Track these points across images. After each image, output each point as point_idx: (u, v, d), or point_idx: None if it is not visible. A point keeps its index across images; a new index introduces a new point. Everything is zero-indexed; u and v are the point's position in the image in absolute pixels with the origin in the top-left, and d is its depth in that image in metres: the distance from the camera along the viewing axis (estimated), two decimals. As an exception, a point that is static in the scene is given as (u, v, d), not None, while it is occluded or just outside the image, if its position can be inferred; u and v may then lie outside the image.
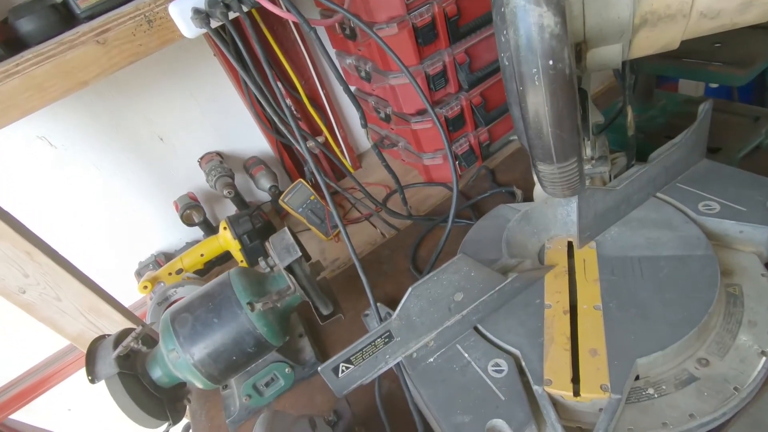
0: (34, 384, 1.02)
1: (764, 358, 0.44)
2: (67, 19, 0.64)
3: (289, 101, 0.97)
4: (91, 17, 0.63)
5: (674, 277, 0.50)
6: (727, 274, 0.51)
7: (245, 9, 0.56)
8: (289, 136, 0.60)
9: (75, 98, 0.81)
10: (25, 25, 0.61)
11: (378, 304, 0.54)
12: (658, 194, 0.59)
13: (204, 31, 0.56)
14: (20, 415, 1.08)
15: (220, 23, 0.55)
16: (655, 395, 0.44)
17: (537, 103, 0.36)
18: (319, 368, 0.46)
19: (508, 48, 0.37)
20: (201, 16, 0.54)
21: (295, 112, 0.96)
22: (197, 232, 1.01)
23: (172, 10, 0.54)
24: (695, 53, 0.68)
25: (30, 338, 1.00)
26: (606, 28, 0.41)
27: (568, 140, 0.37)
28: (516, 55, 0.35)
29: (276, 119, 0.58)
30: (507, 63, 0.38)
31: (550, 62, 0.34)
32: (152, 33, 0.56)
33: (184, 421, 0.66)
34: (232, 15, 0.56)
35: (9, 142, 0.80)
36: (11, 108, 0.52)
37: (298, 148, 0.61)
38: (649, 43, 0.42)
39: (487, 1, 0.82)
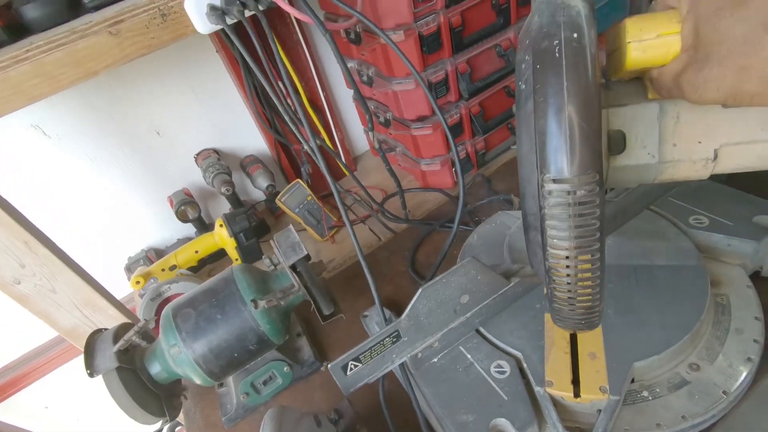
0: (11, 381, 0.98)
1: (750, 365, 0.47)
2: (74, 7, 0.63)
3: (289, 101, 0.97)
4: (97, 7, 0.62)
5: (668, 286, 0.53)
6: (715, 284, 0.54)
7: (261, 8, 0.56)
8: (298, 135, 0.60)
9: (72, 87, 0.79)
10: (31, 11, 0.60)
11: (382, 305, 0.55)
12: (652, 207, 0.62)
13: (218, 27, 0.56)
14: (-6, 412, 1.04)
15: (235, 20, 0.56)
16: (650, 397, 0.46)
17: (555, 81, 0.29)
18: (329, 366, 0.47)
19: (528, 68, 0.32)
20: (217, 12, 0.54)
21: (296, 112, 0.96)
22: (189, 228, 1.00)
23: (188, 5, 0.54)
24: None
25: (6, 335, 0.97)
26: (624, 183, 0.42)
27: (589, 133, 0.29)
28: (537, 35, 0.30)
29: (287, 118, 0.58)
30: (524, 86, 0.32)
31: (575, 35, 0.29)
32: (165, 27, 0.56)
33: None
34: (247, 13, 0.56)
35: (3, 130, 0.78)
36: (18, 94, 0.51)
37: (305, 146, 0.61)
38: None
39: (489, 13, 0.84)
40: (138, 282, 0.79)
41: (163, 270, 0.83)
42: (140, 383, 0.55)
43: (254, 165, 0.98)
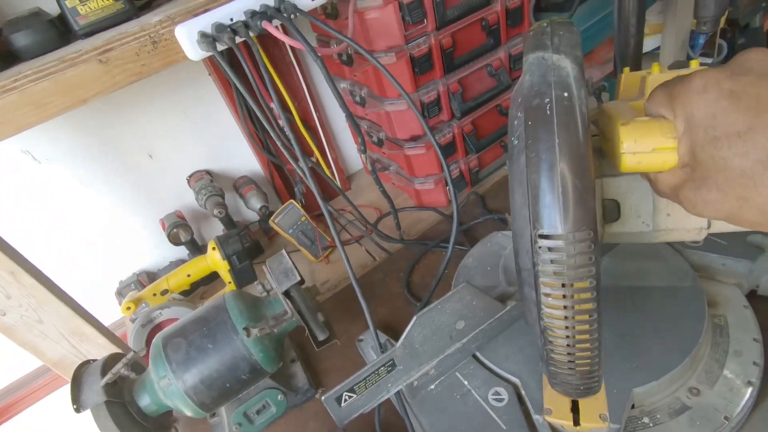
0: (-2, 410, 0.95)
1: (750, 388, 0.46)
2: (64, 35, 0.63)
3: (280, 122, 0.97)
4: (88, 34, 0.62)
5: (664, 308, 0.52)
6: (712, 305, 0.54)
7: (252, 35, 0.57)
8: (289, 158, 0.60)
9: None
10: (21, 39, 0.60)
11: (377, 330, 0.54)
12: (646, 226, 0.62)
13: (209, 54, 0.56)
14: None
15: (226, 47, 0.56)
16: (651, 424, 0.46)
17: (547, 137, 0.30)
18: (323, 398, 0.45)
19: (520, 125, 0.32)
20: (208, 39, 0.54)
21: (287, 135, 0.96)
22: (182, 251, 0.98)
23: (179, 33, 0.54)
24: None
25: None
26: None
27: (581, 190, 0.29)
28: (529, 93, 0.31)
29: (279, 143, 0.58)
30: (516, 142, 0.33)
31: (565, 94, 0.30)
32: (156, 54, 0.56)
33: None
34: (238, 39, 0.56)
35: (-8, 157, 0.78)
36: (5, 124, 0.50)
37: (296, 168, 0.61)
38: None
39: (479, 34, 0.85)
40: (129, 308, 0.78)
41: (154, 295, 0.82)
42: (129, 417, 0.53)
43: (247, 186, 0.97)
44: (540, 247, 0.30)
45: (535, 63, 0.32)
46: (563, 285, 0.30)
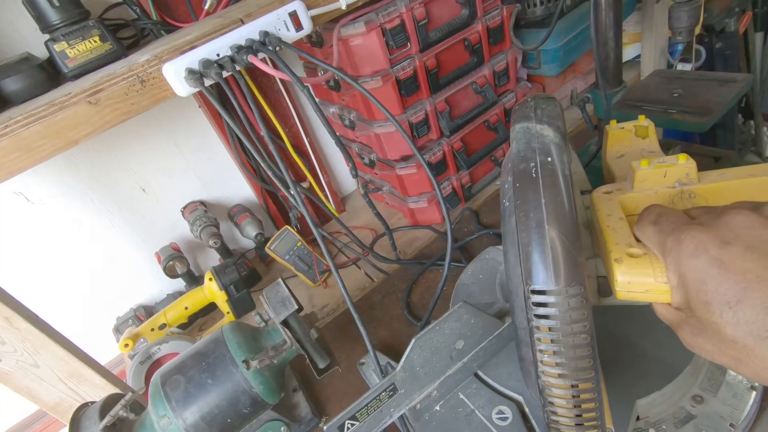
0: (-4, 457, 0.93)
1: (754, 393, 0.46)
2: (54, 77, 0.64)
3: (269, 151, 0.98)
4: (77, 75, 0.63)
5: (662, 316, 0.52)
6: (709, 310, 0.54)
7: (238, 68, 0.58)
8: (279, 185, 0.60)
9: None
10: (11, 84, 0.61)
11: (376, 354, 0.53)
12: (638, 234, 0.62)
13: (197, 89, 0.57)
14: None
15: (214, 82, 0.57)
16: (657, 435, 0.45)
17: (534, 198, 0.32)
18: (324, 428, 0.45)
19: (510, 188, 0.34)
20: (195, 76, 0.55)
21: (276, 164, 0.97)
22: (179, 282, 0.98)
23: (167, 71, 0.55)
24: (657, 101, 0.74)
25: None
26: None
27: (568, 245, 0.31)
28: (516, 158, 0.34)
29: (270, 172, 0.58)
30: (507, 203, 0.35)
31: (548, 159, 0.33)
32: (145, 92, 0.56)
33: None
34: (225, 74, 0.57)
35: (-16, 200, 0.78)
36: (-2, 169, 0.51)
37: (286, 195, 0.62)
38: None
39: (463, 54, 0.87)
40: (126, 345, 0.77)
41: (152, 330, 0.81)
42: (129, 459, 0.52)
43: (242, 214, 0.98)
44: (534, 303, 0.31)
45: (521, 132, 0.35)
46: (558, 341, 0.31)
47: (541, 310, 0.31)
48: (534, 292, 0.31)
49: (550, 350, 0.31)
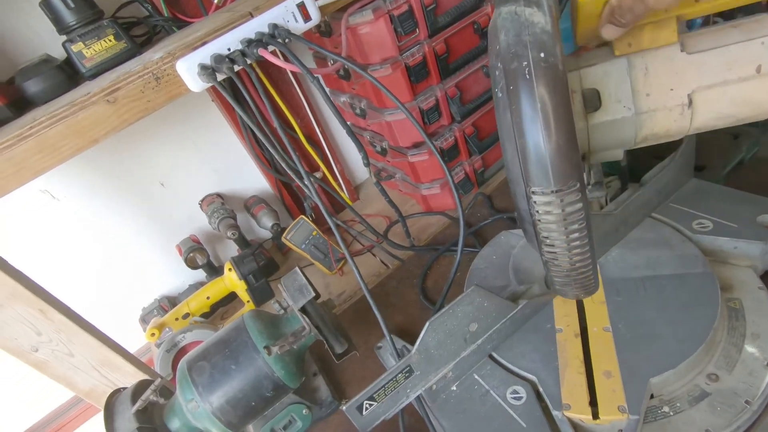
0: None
1: (771, 370, 0.46)
2: (72, 77, 0.66)
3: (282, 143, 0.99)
4: (95, 75, 0.65)
5: (677, 295, 0.52)
6: (726, 288, 0.53)
7: (249, 62, 0.58)
8: (293, 175, 0.61)
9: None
10: (33, 86, 0.63)
11: (392, 337, 0.55)
12: (654, 214, 0.62)
13: (210, 84, 0.58)
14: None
15: (226, 76, 0.58)
16: (671, 413, 0.46)
17: (528, 103, 0.31)
18: (344, 408, 0.47)
19: (501, 77, 0.33)
20: (207, 71, 0.56)
21: (290, 155, 0.99)
22: (200, 273, 1.01)
23: (180, 67, 0.56)
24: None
25: (24, 397, 0.98)
26: (609, 144, 0.44)
27: (565, 149, 0.31)
28: (506, 54, 0.32)
29: (283, 163, 0.59)
30: (500, 94, 0.34)
31: (542, 54, 0.31)
32: (160, 89, 0.58)
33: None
34: (236, 68, 0.58)
35: (14, 199, 0.81)
36: (24, 170, 0.53)
37: (300, 185, 0.63)
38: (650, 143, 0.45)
39: (472, 37, 0.86)
40: (153, 334, 0.80)
41: (176, 319, 0.84)
42: (161, 441, 0.55)
43: (258, 206, 1.00)
44: (536, 203, 0.35)
45: (509, 19, 0.32)
46: (559, 232, 0.36)
47: (542, 208, 0.34)
48: (534, 193, 0.34)
49: (552, 238, 0.36)
